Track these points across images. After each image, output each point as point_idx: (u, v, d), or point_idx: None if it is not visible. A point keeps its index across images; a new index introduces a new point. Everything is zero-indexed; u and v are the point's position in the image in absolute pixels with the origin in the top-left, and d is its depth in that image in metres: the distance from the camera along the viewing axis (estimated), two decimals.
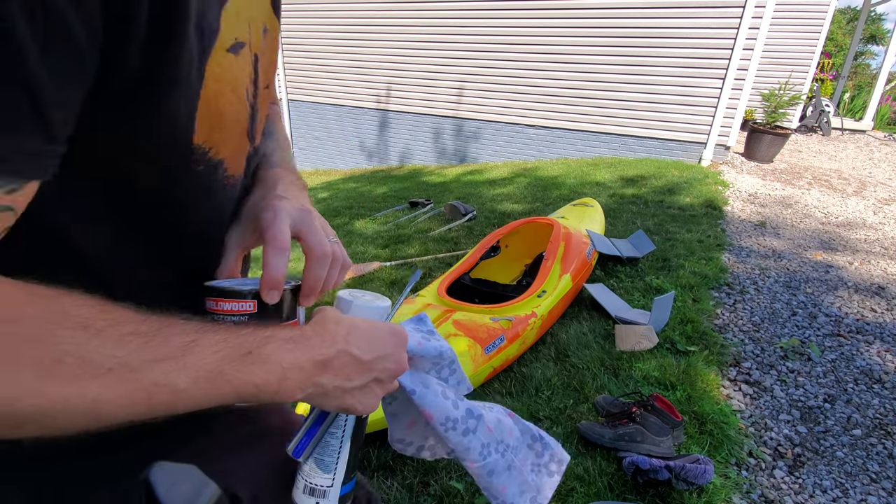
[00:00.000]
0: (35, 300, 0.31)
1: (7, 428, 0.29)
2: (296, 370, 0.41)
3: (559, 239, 2.51)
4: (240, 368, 0.38)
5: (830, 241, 3.68)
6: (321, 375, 0.43)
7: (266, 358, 0.39)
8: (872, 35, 19.26)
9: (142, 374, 0.33)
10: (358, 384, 0.46)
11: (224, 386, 0.37)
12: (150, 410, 0.34)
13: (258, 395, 0.39)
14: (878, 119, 8.81)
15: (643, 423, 1.58)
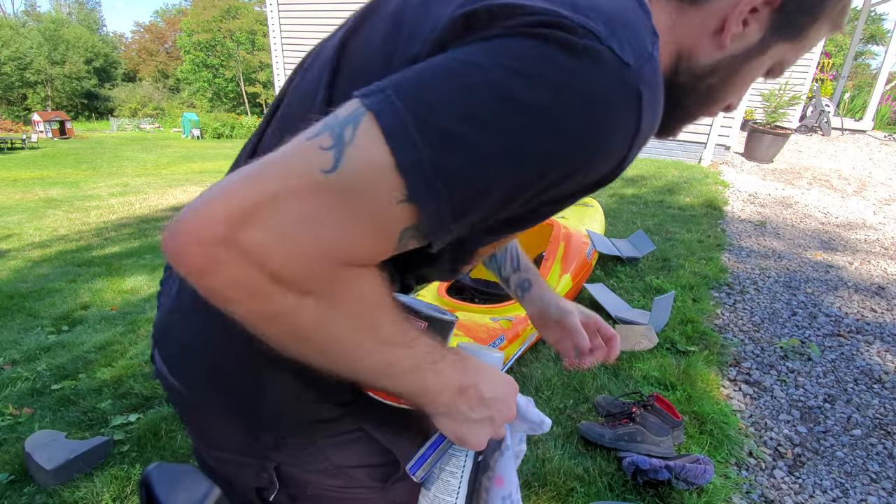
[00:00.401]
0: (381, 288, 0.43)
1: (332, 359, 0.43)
2: (449, 388, 0.50)
3: (559, 239, 2.51)
4: (426, 371, 0.48)
5: (830, 241, 3.68)
6: (457, 399, 0.51)
7: (439, 370, 0.49)
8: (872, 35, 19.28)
9: (389, 349, 0.45)
10: (476, 417, 0.52)
11: (416, 379, 0.48)
12: (380, 377, 0.46)
13: (422, 395, 0.49)
14: (878, 119, 8.81)
15: (643, 423, 1.58)
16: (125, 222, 6.70)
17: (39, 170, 17.27)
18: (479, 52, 0.38)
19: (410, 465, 0.56)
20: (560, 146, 0.39)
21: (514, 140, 0.37)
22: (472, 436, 0.53)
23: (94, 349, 2.48)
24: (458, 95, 0.37)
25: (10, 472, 1.63)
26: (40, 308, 3.16)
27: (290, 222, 0.36)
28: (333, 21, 7.13)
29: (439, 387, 0.49)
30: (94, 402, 2.00)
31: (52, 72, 42.06)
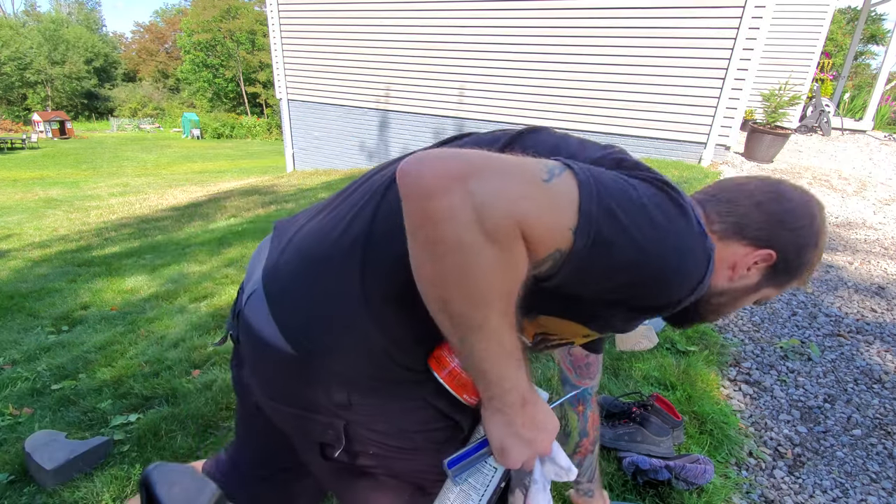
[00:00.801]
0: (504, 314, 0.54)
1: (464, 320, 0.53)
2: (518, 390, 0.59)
3: None
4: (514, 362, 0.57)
5: (830, 241, 3.68)
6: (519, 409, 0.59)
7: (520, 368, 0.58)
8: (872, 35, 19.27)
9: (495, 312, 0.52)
10: (524, 435, 0.60)
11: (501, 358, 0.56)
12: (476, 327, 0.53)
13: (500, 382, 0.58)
14: (878, 119, 8.81)
15: (643, 423, 1.58)
16: (125, 222, 6.70)
17: (39, 170, 17.26)
18: (634, 179, 0.56)
19: (450, 459, 0.60)
20: (660, 256, 0.55)
21: (640, 234, 0.53)
22: (513, 450, 0.60)
23: (94, 349, 2.48)
24: (622, 194, 0.53)
25: (10, 472, 1.64)
26: (40, 308, 3.17)
27: (510, 191, 0.48)
28: (333, 21, 7.09)
29: (513, 383, 0.57)
30: (94, 402, 2.00)
31: (52, 72, 42.05)
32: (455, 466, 0.59)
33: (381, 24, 7.61)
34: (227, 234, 5.07)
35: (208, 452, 1.69)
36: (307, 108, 8.97)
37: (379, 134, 8.33)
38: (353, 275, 0.62)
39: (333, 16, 7.95)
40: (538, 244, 0.50)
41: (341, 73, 8.27)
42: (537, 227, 0.49)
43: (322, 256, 0.66)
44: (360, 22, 7.77)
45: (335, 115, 8.68)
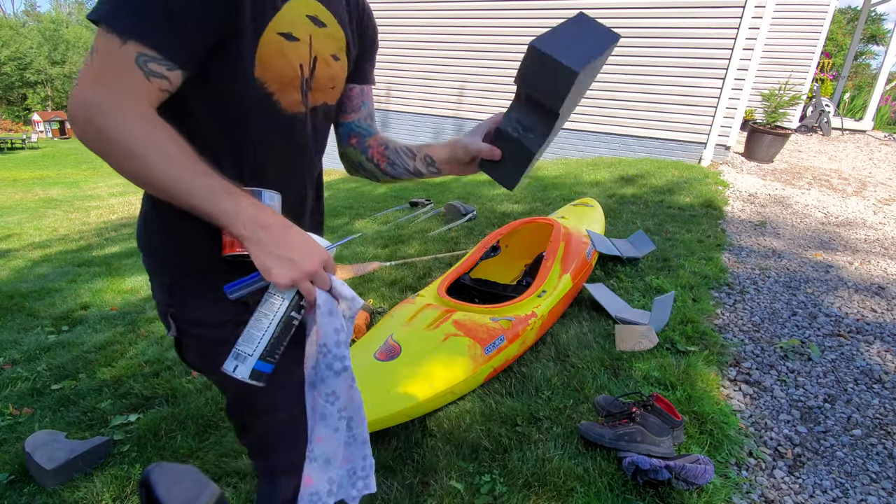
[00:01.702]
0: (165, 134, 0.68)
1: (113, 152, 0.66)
2: (246, 216, 0.69)
3: (559, 239, 2.51)
4: (219, 196, 0.68)
5: (830, 241, 3.68)
6: (259, 229, 0.69)
7: (236, 201, 0.69)
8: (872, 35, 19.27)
9: (180, 168, 0.67)
10: (279, 253, 0.70)
11: (209, 201, 0.68)
12: (170, 188, 0.67)
13: (220, 217, 0.68)
14: (878, 119, 8.81)
15: (643, 423, 1.58)
16: (125, 222, 6.69)
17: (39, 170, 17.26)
18: None
19: (227, 285, 0.71)
20: None
21: None
22: (274, 267, 0.69)
23: (94, 349, 2.48)
24: None
25: (10, 472, 1.64)
26: (40, 308, 3.16)
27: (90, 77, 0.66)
28: None
29: (234, 211, 0.68)
30: (94, 402, 2.00)
31: (52, 72, 42.02)
32: (233, 289, 0.71)
33: (380, 24, 7.61)
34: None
35: (209, 452, 1.69)
36: None
37: None
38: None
39: None
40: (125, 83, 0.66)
41: None
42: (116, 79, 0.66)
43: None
44: None
45: None
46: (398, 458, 1.61)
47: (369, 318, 2.47)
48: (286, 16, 0.77)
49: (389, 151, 1.03)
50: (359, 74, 1.01)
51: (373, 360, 1.76)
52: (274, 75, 0.78)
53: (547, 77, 0.80)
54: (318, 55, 0.84)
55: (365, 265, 3.15)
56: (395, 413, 1.59)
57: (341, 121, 1.04)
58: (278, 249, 0.70)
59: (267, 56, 0.76)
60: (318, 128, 0.92)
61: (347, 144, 1.06)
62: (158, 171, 0.66)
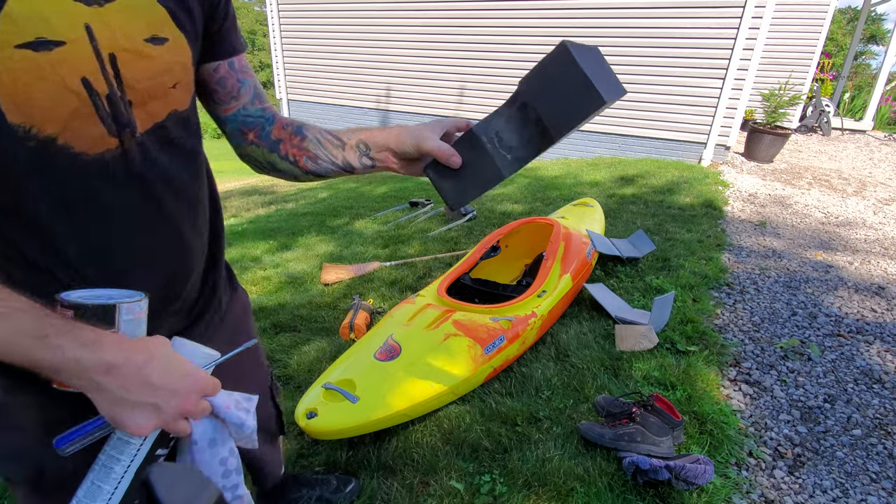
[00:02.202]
0: None
1: None
2: (75, 363, 0.50)
3: (559, 239, 2.51)
4: (30, 345, 0.49)
5: (830, 241, 3.68)
6: (102, 376, 0.51)
7: (55, 346, 0.50)
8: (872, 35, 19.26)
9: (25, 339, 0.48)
10: (134, 399, 0.52)
11: (15, 352, 0.49)
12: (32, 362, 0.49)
13: (38, 370, 0.50)
14: (878, 119, 8.81)
15: (643, 423, 1.58)
16: None
17: None
18: None
19: (58, 439, 0.54)
20: None
21: None
22: (128, 419, 0.53)
23: None
24: None
25: None
26: None
27: None
28: (333, 21, 7.10)
29: (57, 361, 0.50)
30: None
31: None
32: (67, 444, 0.55)
33: (381, 24, 7.61)
34: (227, 234, 5.07)
35: None
36: (307, 108, 8.96)
37: None
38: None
39: (333, 16, 7.95)
40: None
41: (341, 73, 8.26)
42: None
43: None
44: (360, 22, 7.77)
45: (335, 115, 8.68)
46: (398, 458, 1.61)
47: (369, 318, 2.47)
48: (20, 12, 0.48)
49: (309, 143, 0.77)
50: (219, 46, 0.71)
51: (373, 360, 1.76)
52: (44, 113, 0.52)
53: (566, 94, 0.66)
54: (116, 49, 0.55)
55: (365, 265, 3.15)
56: (395, 413, 1.59)
57: (222, 115, 0.77)
58: (132, 395, 0.52)
59: (15, 88, 0.49)
60: (167, 158, 0.63)
61: (245, 143, 0.79)
62: None
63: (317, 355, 2.18)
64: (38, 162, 0.53)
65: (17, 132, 0.51)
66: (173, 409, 0.55)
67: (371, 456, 1.62)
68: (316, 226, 4.42)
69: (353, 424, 1.53)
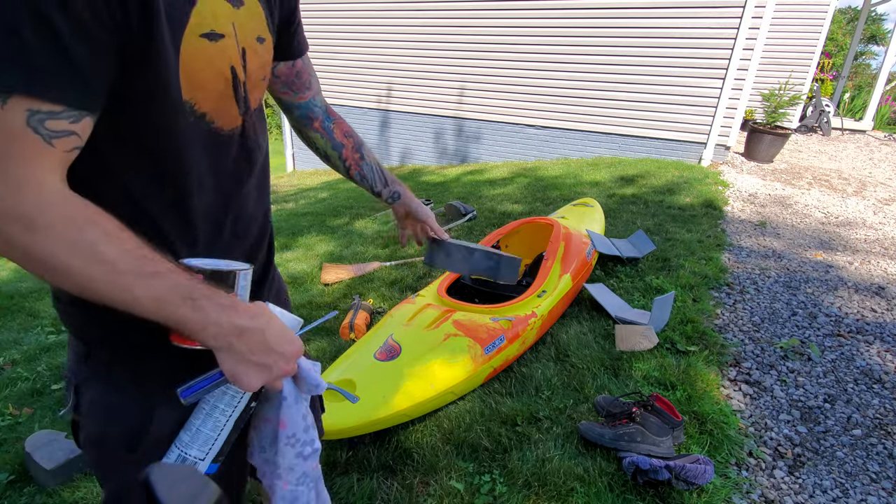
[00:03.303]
0: (89, 211, 0.51)
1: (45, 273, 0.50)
2: (214, 325, 0.56)
3: (559, 239, 2.51)
4: (179, 304, 0.54)
5: (830, 241, 3.68)
6: (234, 337, 0.58)
7: (200, 307, 0.55)
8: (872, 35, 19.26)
9: (121, 276, 0.51)
10: (256, 360, 0.59)
11: (164, 310, 0.54)
12: (116, 301, 0.52)
13: (183, 328, 0.56)
14: (878, 119, 8.81)
15: (643, 423, 1.58)
16: None
17: None
18: None
19: (182, 390, 0.60)
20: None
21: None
22: (246, 376, 0.59)
23: None
24: None
25: (10, 472, 1.64)
26: (40, 308, 3.16)
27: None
28: (333, 21, 7.09)
29: (200, 321, 0.55)
30: None
31: None
32: (190, 395, 0.60)
33: (381, 24, 7.61)
34: None
35: None
36: None
37: (379, 134, 8.32)
38: None
39: (333, 15, 7.95)
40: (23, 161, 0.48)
41: (341, 73, 8.26)
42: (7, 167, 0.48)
43: None
44: (360, 22, 7.77)
45: None
46: (398, 458, 1.61)
47: (369, 318, 2.47)
48: (205, 7, 0.58)
49: (364, 165, 1.02)
50: (296, 44, 0.83)
51: (373, 360, 1.76)
52: (205, 93, 0.61)
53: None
54: (246, 45, 0.65)
55: (365, 265, 3.15)
56: (395, 413, 1.59)
57: (295, 102, 0.91)
58: (255, 356, 0.59)
59: (192, 70, 0.58)
60: (261, 137, 0.75)
61: (310, 128, 0.96)
62: (95, 285, 0.51)
63: (317, 355, 2.18)
64: (194, 134, 0.62)
65: (186, 107, 0.60)
66: (279, 370, 0.62)
67: (371, 456, 1.62)
68: (316, 226, 4.42)
69: (353, 424, 1.53)
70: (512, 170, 6.26)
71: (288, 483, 0.70)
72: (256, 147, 0.73)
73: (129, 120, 0.56)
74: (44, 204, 0.48)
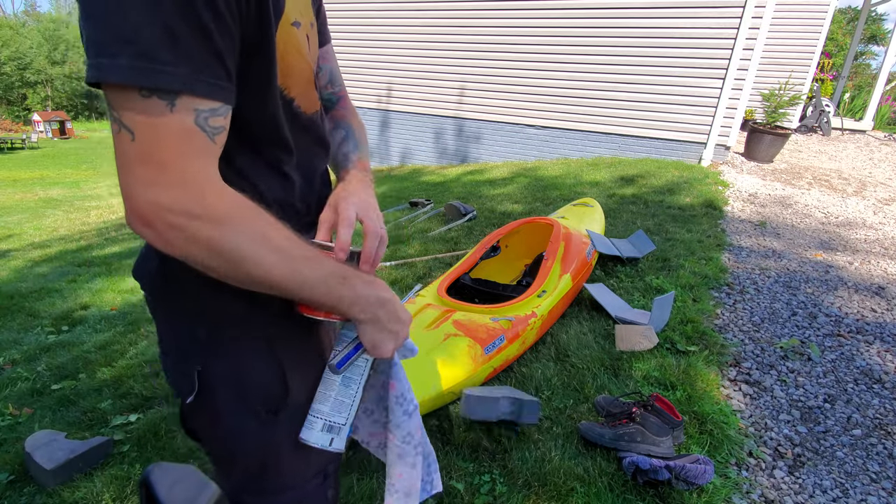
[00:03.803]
0: (251, 204, 0.54)
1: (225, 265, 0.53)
2: (364, 299, 0.63)
3: (559, 239, 2.51)
4: (336, 284, 0.60)
5: (830, 241, 3.68)
6: (379, 308, 0.64)
7: (351, 285, 0.62)
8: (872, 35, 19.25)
9: (293, 261, 0.56)
10: (391, 328, 0.66)
11: (324, 289, 0.60)
12: (288, 286, 0.57)
13: (339, 305, 0.62)
14: (878, 119, 8.81)
15: (643, 423, 1.58)
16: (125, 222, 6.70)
17: (39, 170, 17.25)
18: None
19: (337, 361, 0.68)
20: None
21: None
22: (384, 344, 0.66)
23: (94, 349, 2.48)
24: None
25: (10, 472, 1.64)
26: (40, 308, 3.16)
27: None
28: (333, 21, 7.08)
29: (353, 297, 0.62)
30: (94, 402, 2.00)
31: (52, 72, 42.01)
32: (344, 365, 0.68)
33: (381, 24, 7.61)
34: None
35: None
36: None
37: (380, 134, 8.33)
38: None
39: (333, 16, 7.95)
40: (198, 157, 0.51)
41: (341, 73, 8.27)
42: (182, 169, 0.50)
43: None
44: (361, 22, 7.77)
45: None
46: None
47: None
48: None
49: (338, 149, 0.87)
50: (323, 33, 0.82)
51: None
52: (294, 78, 0.64)
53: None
54: (309, 33, 0.68)
55: None
56: None
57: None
58: (392, 325, 0.66)
59: (285, 55, 0.61)
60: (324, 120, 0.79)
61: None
62: (272, 271, 0.54)
63: None
64: (286, 122, 0.65)
65: (280, 91, 0.62)
66: (402, 337, 0.69)
67: (371, 456, 1.62)
68: None
69: None
70: (512, 170, 6.26)
71: (395, 438, 0.77)
72: (325, 132, 0.77)
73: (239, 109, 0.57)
74: (223, 198, 0.51)
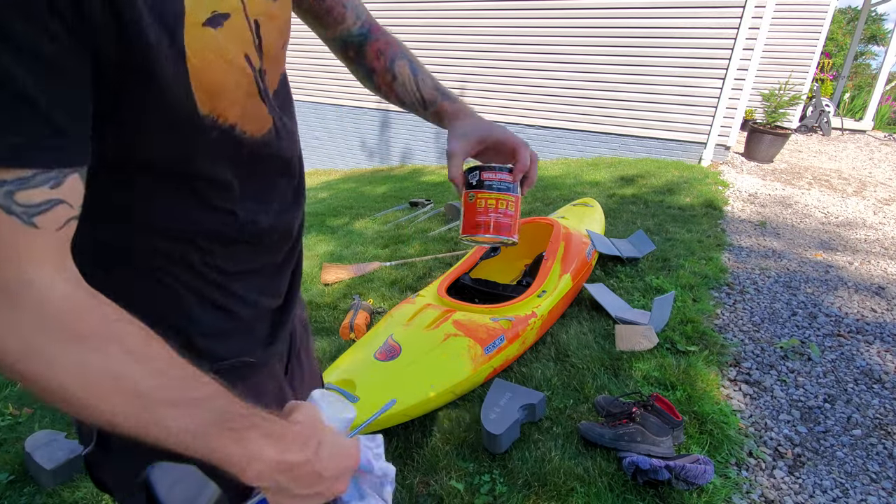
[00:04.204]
0: (106, 322, 0.40)
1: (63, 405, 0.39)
2: (261, 462, 0.45)
3: (559, 239, 2.51)
4: (219, 440, 0.43)
5: (830, 241, 3.68)
6: (281, 474, 0.47)
7: (243, 440, 0.44)
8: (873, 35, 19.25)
9: (150, 408, 0.41)
10: (306, 493, 0.49)
11: (202, 446, 0.43)
12: (143, 434, 0.41)
13: (224, 465, 0.44)
14: (878, 119, 8.81)
15: (643, 423, 1.58)
16: None
17: None
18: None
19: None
20: None
21: None
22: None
23: None
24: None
25: (10, 472, 1.64)
26: None
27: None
28: None
29: (242, 457, 0.44)
30: None
31: None
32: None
33: (380, 24, 7.61)
34: None
35: None
36: (307, 108, 8.96)
37: (380, 134, 8.33)
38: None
39: None
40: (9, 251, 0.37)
41: (341, 73, 8.26)
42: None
43: None
44: None
45: (335, 115, 8.68)
46: (398, 458, 1.61)
47: (369, 318, 2.47)
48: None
49: (398, 86, 0.79)
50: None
51: (373, 360, 1.76)
52: (227, 97, 0.48)
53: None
54: (258, 14, 0.50)
55: (365, 265, 3.15)
56: (395, 413, 1.59)
57: (328, 37, 0.78)
58: (302, 489, 0.49)
59: (204, 70, 0.45)
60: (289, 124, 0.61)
61: (345, 58, 0.81)
62: (118, 419, 0.40)
63: (317, 355, 2.18)
64: (223, 156, 0.51)
65: (206, 122, 0.47)
66: (332, 492, 0.53)
67: None
68: (316, 226, 4.42)
69: (353, 424, 1.53)
70: None
71: None
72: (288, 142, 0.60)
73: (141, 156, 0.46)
74: (37, 317, 0.36)
